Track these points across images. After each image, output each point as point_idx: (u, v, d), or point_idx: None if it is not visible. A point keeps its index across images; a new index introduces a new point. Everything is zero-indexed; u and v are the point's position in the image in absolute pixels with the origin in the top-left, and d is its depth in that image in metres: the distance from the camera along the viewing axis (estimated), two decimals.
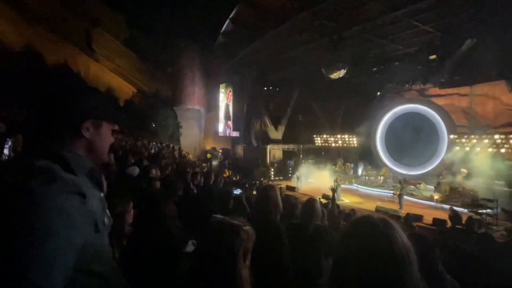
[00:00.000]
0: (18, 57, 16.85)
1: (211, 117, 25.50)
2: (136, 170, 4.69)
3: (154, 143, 16.02)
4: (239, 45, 14.82)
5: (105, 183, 2.35)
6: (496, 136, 11.12)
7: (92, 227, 0.80)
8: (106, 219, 0.88)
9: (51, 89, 0.90)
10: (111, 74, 24.63)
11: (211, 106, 25.25)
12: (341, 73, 12.19)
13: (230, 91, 23.19)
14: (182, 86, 24.21)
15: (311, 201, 2.57)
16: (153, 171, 4.70)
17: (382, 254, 0.76)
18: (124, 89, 24.72)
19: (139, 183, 4.02)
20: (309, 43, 12.69)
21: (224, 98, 24.20)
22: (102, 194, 0.93)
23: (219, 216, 1.13)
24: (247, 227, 1.11)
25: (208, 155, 22.31)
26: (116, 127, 1.03)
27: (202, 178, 4.96)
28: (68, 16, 21.96)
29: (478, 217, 9.27)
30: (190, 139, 24.09)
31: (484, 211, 9.56)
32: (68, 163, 0.82)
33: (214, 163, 20.04)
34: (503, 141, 10.88)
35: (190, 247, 1.65)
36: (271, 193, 2.23)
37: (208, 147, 24.55)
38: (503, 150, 10.99)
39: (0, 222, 0.65)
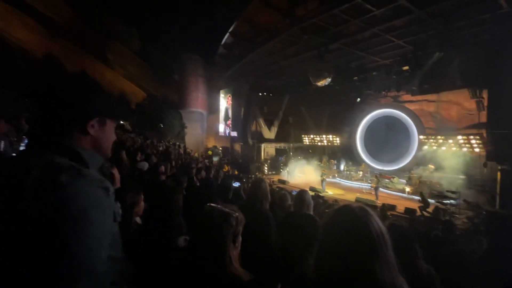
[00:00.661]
0: (39, 64, 16.58)
1: (213, 119, 25.41)
2: (145, 165, 4.65)
3: (162, 142, 15.89)
4: (237, 56, 14.76)
5: (118, 177, 2.32)
6: (459, 137, 11.25)
7: (112, 216, 0.79)
8: (120, 210, 0.86)
9: (59, 86, 0.83)
10: (124, 81, 24.32)
11: (213, 109, 25.16)
12: (326, 81, 12.21)
13: (229, 96, 23.13)
14: (187, 91, 24.09)
15: (301, 192, 2.54)
16: (162, 167, 4.67)
17: (361, 236, 0.77)
18: (136, 94, 24.45)
19: (149, 177, 3.98)
20: (299, 55, 12.68)
21: (224, 102, 24.14)
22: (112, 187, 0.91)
23: (212, 204, 1.12)
24: (237, 214, 1.10)
25: (209, 152, 22.22)
26: (123, 122, 0.98)
27: (204, 172, 4.94)
28: (86, 29, 21.66)
29: (443, 207, 9.39)
30: (194, 138, 23.99)
31: (448, 201, 9.68)
32: (82, 158, 0.78)
33: (215, 159, 19.97)
34: (465, 141, 11.01)
35: (181, 242, 1.58)
36: (261, 185, 2.24)
37: (210, 145, 24.47)
38: (464, 149, 11.13)
39: (40, 216, 0.62)
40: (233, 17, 11.79)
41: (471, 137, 10.78)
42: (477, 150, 10.72)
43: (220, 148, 23.37)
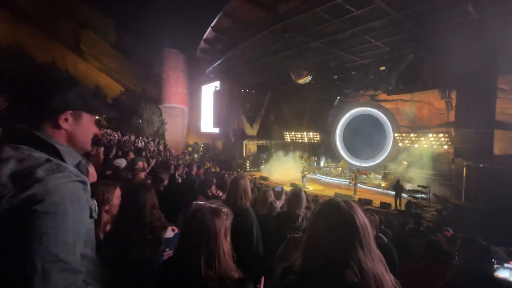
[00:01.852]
0: (4, 54, 15.33)
1: (194, 115, 25.00)
2: (123, 162, 4.48)
3: (141, 138, 15.38)
4: (219, 52, 14.56)
5: (95, 174, 2.21)
6: (430, 135, 11.90)
7: (88, 213, 0.78)
8: (96, 207, 0.84)
9: (28, 77, 0.79)
10: (99, 73, 23.16)
11: (194, 105, 24.74)
12: (307, 79, 12.38)
13: (211, 92, 22.82)
14: (167, 86, 23.46)
15: (298, 191, 2.44)
16: (140, 163, 4.51)
17: (347, 227, 0.82)
18: (112, 87, 23.40)
19: (126, 174, 3.84)
20: (280, 52, 12.75)
21: (206, 98, 23.79)
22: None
23: (200, 202, 1.12)
24: (225, 209, 1.11)
25: (189, 148, 21.89)
26: (98, 117, 0.94)
27: (186, 168, 4.85)
28: (57, 16, 20.30)
29: (415, 200, 9.93)
30: (175, 134, 23.49)
31: (419, 195, 10.24)
32: (59, 154, 0.76)
33: (196, 156, 19.69)
34: (435, 139, 11.67)
35: (169, 233, 1.56)
36: (241, 182, 2.24)
37: (191, 142, 24.08)
38: (435, 146, 11.80)
39: (18, 209, 0.61)
40: (215, 11, 11.58)
41: (441, 135, 11.45)
42: (445, 147, 11.42)
43: (202, 145, 23.07)
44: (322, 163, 17.53)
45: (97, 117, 0.93)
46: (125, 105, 21.05)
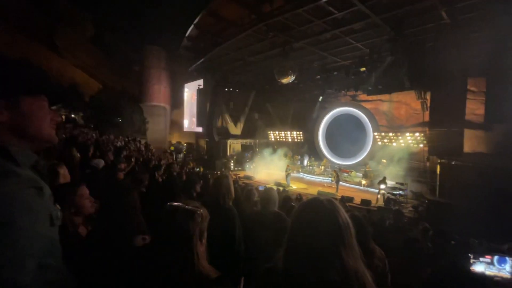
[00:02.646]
0: None
1: (177, 114, 24.52)
2: (101, 163, 4.29)
3: (121, 137, 14.83)
4: (202, 50, 14.33)
5: (67, 176, 2.08)
6: (407, 134, 12.39)
7: (47, 220, 0.69)
8: (58, 213, 0.75)
9: None
10: (75, 70, 22.05)
11: (177, 103, 24.25)
12: (290, 79, 12.47)
13: (194, 91, 22.48)
14: (148, 84, 22.85)
15: (267, 190, 2.52)
16: (122, 165, 4.35)
17: (329, 226, 0.83)
18: (90, 84, 22.37)
19: (105, 176, 3.67)
20: (264, 51, 12.76)
21: (189, 97, 23.38)
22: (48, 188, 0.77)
23: (174, 203, 1.07)
24: (201, 211, 1.07)
25: (172, 148, 21.45)
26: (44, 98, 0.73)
27: (167, 169, 4.73)
28: (29, 9, 19.11)
29: (393, 197, 10.31)
30: (157, 133, 22.91)
31: (398, 192, 10.64)
32: (11, 155, 0.66)
33: (179, 155, 19.31)
34: (412, 137, 12.18)
35: (138, 241, 1.45)
36: (223, 181, 2.21)
37: (174, 141, 23.60)
38: (411, 145, 12.32)
39: None
40: (198, 8, 11.35)
41: (417, 134, 11.95)
42: (421, 145, 11.95)
43: (185, 144, 22.67)
44: (305, 162, 17.77)
45: (44, 97, 0.74)
46: (104, 103, 20.22)
